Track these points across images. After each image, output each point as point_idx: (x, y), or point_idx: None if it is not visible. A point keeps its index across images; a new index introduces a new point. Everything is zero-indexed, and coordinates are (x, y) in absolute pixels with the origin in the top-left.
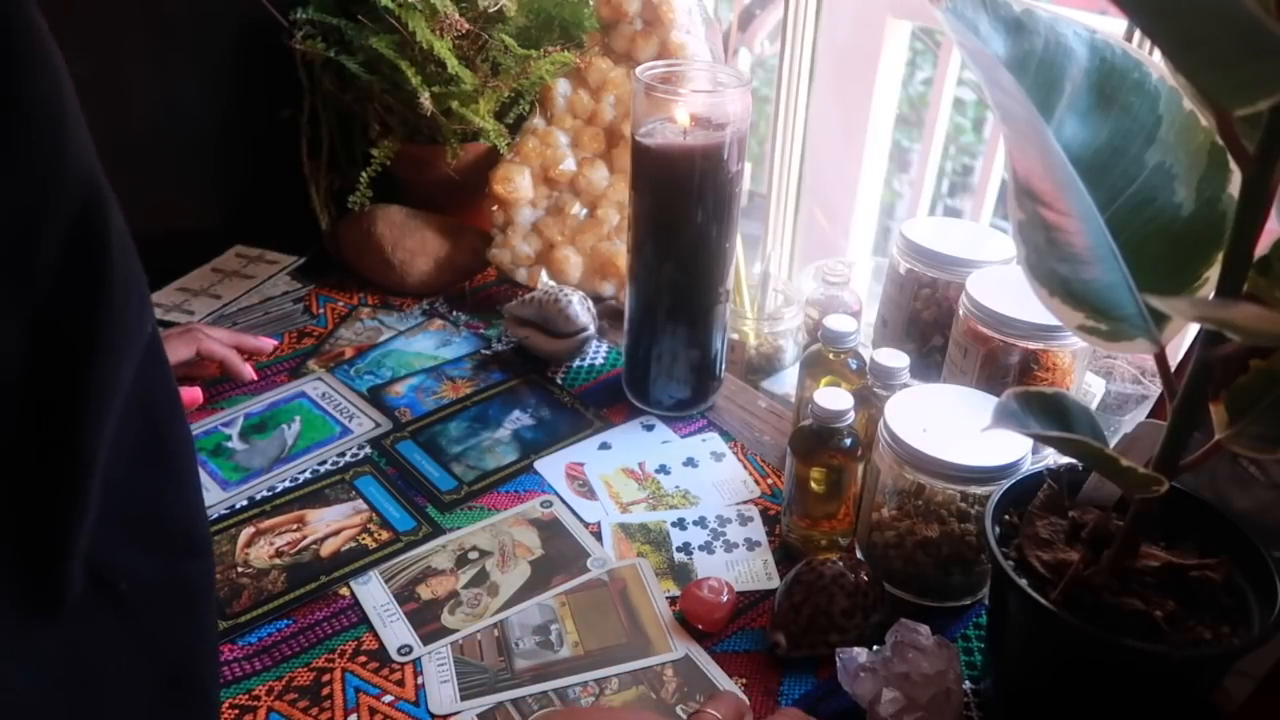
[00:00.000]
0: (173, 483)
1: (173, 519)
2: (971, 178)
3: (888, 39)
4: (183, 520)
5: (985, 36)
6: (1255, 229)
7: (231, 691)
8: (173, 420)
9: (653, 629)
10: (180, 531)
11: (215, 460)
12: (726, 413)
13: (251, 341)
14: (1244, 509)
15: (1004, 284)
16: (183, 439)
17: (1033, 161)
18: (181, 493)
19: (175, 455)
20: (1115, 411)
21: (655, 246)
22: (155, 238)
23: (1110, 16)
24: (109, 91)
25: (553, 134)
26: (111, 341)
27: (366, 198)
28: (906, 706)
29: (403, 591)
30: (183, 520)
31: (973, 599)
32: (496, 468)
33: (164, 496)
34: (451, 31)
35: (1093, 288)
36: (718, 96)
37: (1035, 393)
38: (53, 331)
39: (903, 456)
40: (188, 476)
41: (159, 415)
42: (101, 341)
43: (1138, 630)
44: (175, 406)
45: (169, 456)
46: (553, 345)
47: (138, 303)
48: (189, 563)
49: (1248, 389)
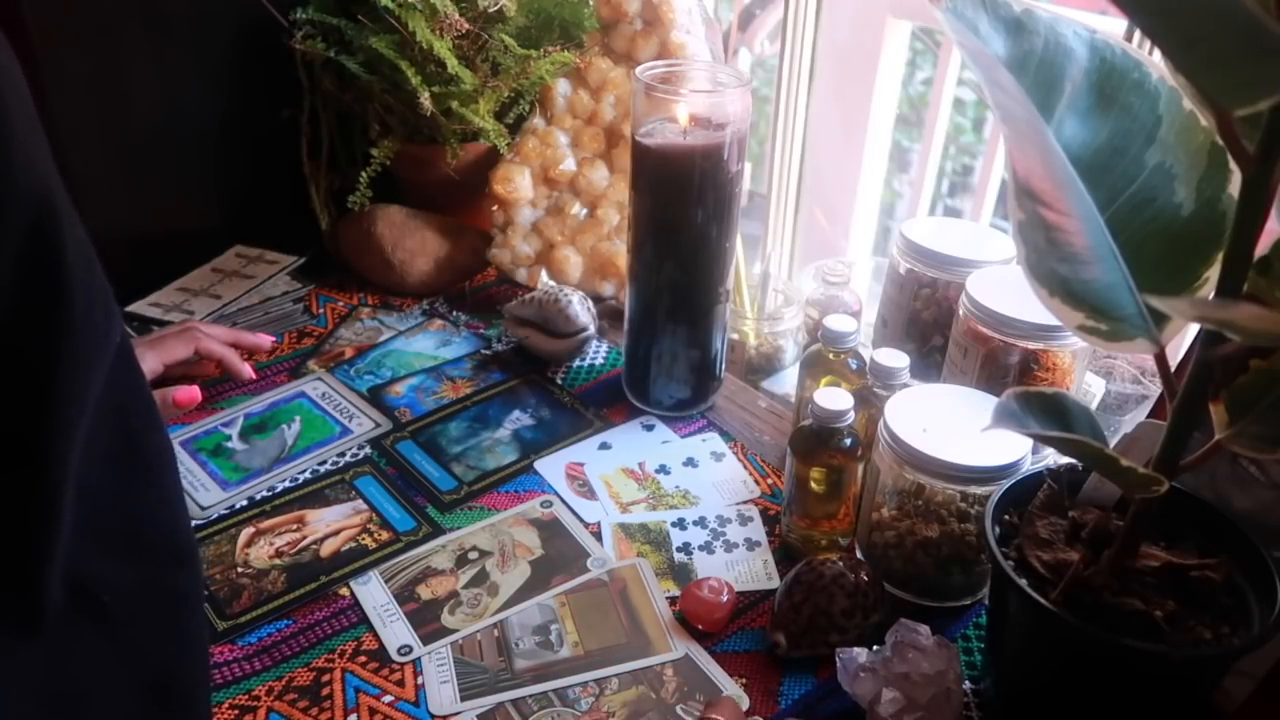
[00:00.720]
0: (152, 490)
1: (154, 527)
2: (971, 178)
3: (888, 39)
4: (165, 528)
5: (985, 36)
6: (1255, 229)
7: (231, 691)
8: (149, 428)
9: (653, 629)
10: (163, 540)
11: (215, 460)
12: (726, 413)
13: (250, 339)
14: (1244, 509)
15: (1004, 284)
16: (161, 447)
17: (1033, 161)
18: (162, 500)
19: (154, 463)
20: (1115, 411)
21: (655, 246)
22: (155, 238)
23: (1110, 16)
24: (109, 91)
25: (553, 134)
26: (74, 354)
27: (366, 198)
28: (906, 706)
29: (403, 591)
30: (165, 528)
31: (973, 599)
32: (496, 468)
33: (144, 505)
34: (451, 31)
35: (1093, 288)
36: (718, 96)
37: (1035, 393)
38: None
39: (903, 456)
40: (168, 484)
41: (134, 424)
42: (64, 354)
43: (1138, 630)
44: (151, 414)
45: (147, 464)
46: (553, 345)
47: (101, 314)
48: (173, 571)
49: (1248, 389)
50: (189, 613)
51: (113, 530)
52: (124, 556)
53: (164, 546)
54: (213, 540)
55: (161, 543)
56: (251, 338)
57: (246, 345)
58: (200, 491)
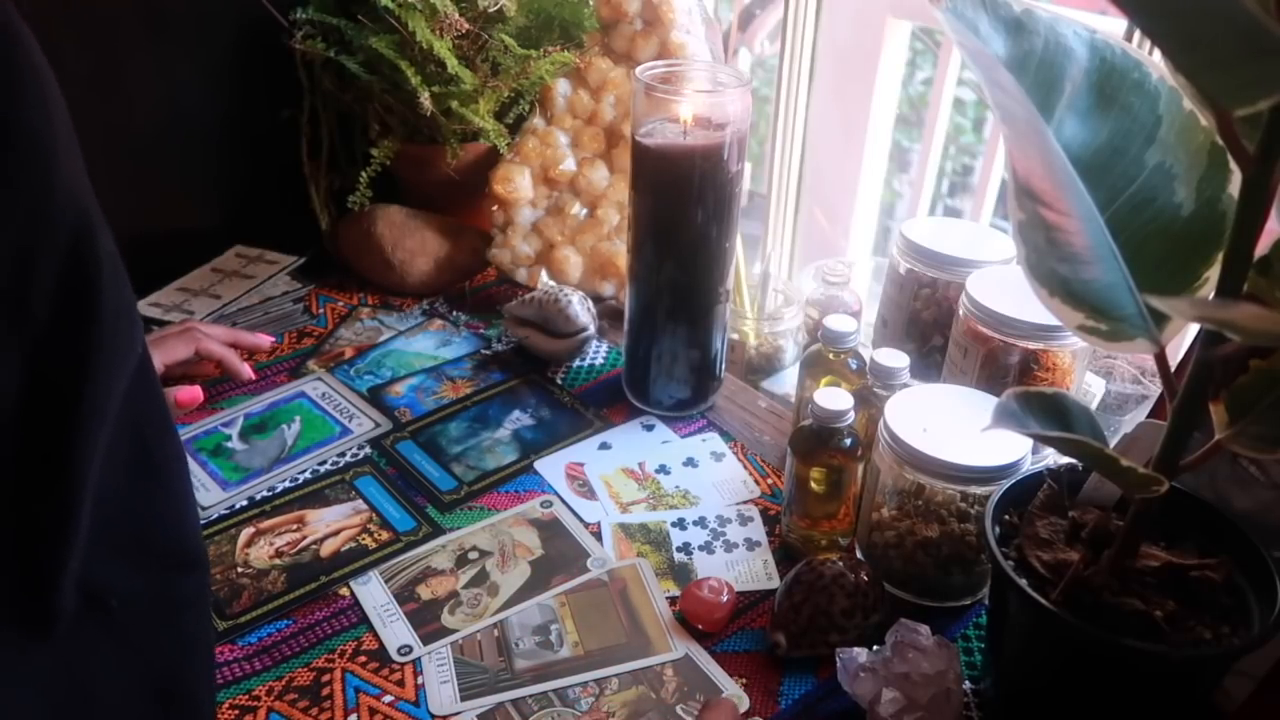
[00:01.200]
0: (164, 499)
1: (164, 535)
2: (971, 178)
3: (888, 39)
4: (174, 536)
5: (985, 36)
6: (1255, 229)
7: (231, 692)
8: (163, 438)
9: (653, 629)
10: (172, 547)
11: (215, 460)
12: (726, 413)
13: (249, 339)
14: (1244, 509)
15: (1004, 284)
16: (173, 455)
17: (1033, 161)
18: (173, 508)
19: (166, 471)
20: (1115, 411)
21: (655, 246)
22: (155, 238)
23: (1110, 16)
24: (109, 91)
25: (553, 134)
26: (101, 369)
27: (366, 198)
28: (906, 706)
29: (403, 591)
30: (174, 536)
31: (973, 599)
32: (496, 468)
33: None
34: (451, 31)
35: (1093, 288)
36: (718, 96)
37: (1035, 393)
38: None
39: (903, 456)
40: (179, 492)
41: (149, 434)
42: (92, 370)
43: (1138, 630)
44: (165, 423)
45: (159, 473)
46: (553, 345)
47: (127, 327)
48: (181, 577)
49: (1248, 389)
50: (194, 618)
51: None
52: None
53: (173, 553)
54: (213, 540)
55: (170, 549)
56: (251, 338)
57: (246, 345)
58: (200, 491)
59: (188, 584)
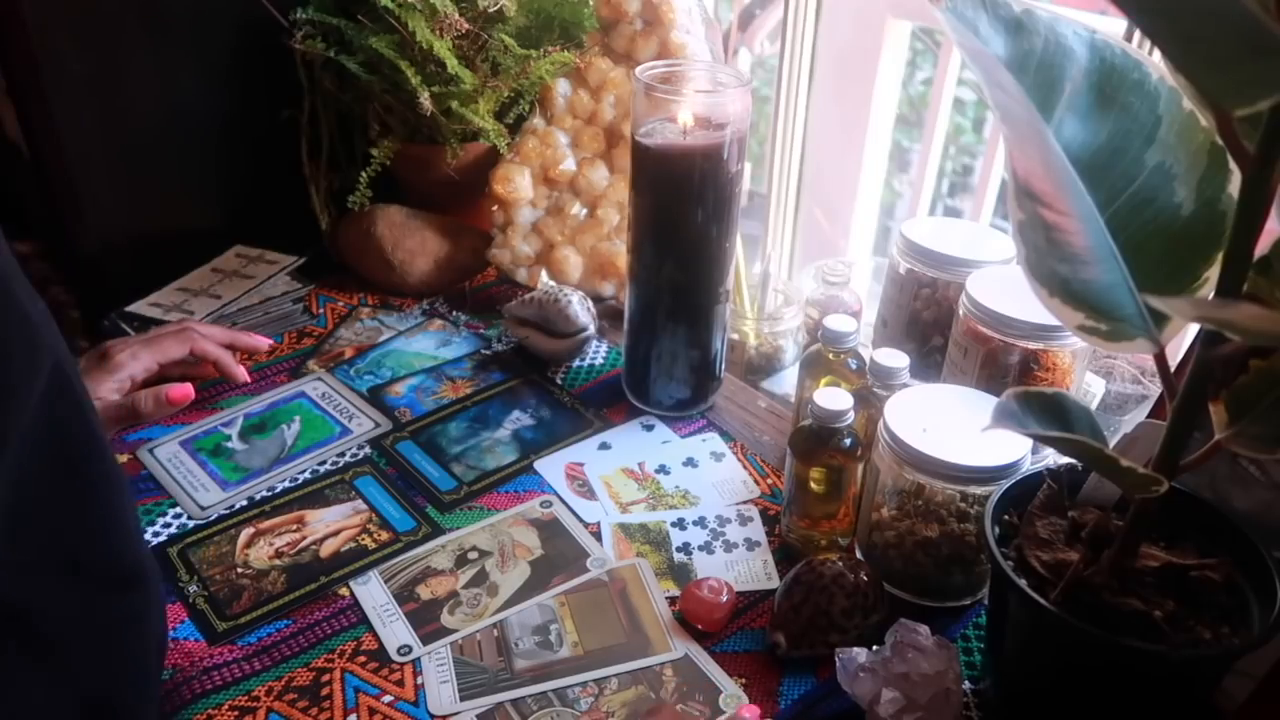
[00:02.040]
0: (94, 517)
1: (97, 553)
2: (971, 178)
3: (888, 39)
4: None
5: (985, 36)
6: (1255, 229)
7: (231, 692)
8: (91, 455)
9: (652, 629)
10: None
11: (215, 460)
12: (726, 413)
13: (246, 340)
14: (1244, 509)
15: (1004, 284)
16: (103, 472)
17: (1033, 161)
18: (106, 526)
19: (96, 489)
20: (1115, 411)
21: (655, 246)
22: (155, 238)
23: (1110, 16)
24: (109, 91)
25: (553, 134)
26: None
27: (366, 198)
28: (906, 706)
29: (402, 592)
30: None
31: (973, 599)
32: (496, 468)
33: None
34: (451, 31)
35: (1093, 288)
36: (718, 96)
37: (1035, 393)
38: None
39: (903, 456)
40: (113, 509)
41: (73, 452)
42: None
43: (1137, 630)
44: (94, 440)
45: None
46: (553, 345)
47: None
48: (116, 596)
49: (1248, 389)
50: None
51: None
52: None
53: (108, 570)
54: (212, 540)
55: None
56: (249, 339)
57: (243, 346)
58: (200, 492)
59: (127, 602)
